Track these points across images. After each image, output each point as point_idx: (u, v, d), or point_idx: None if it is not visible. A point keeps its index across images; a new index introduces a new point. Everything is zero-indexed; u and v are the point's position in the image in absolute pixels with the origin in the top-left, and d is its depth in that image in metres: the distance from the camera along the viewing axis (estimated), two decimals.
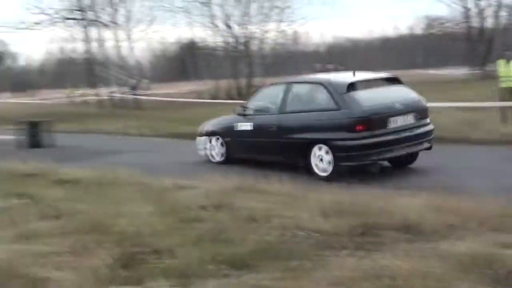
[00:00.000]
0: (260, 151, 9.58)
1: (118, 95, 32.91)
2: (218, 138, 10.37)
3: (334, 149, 8.23)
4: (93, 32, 32.32)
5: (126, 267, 4.06)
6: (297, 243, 4.42)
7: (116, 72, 35.36)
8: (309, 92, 9.19)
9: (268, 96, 9.93)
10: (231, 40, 35.23)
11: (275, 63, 43.03)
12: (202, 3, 34.89)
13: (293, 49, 52.41)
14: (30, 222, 5.50)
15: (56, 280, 3.86)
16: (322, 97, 8.63)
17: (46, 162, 9.14)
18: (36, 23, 30.47)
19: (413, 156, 9.06)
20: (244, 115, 9.91)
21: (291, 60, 51.70)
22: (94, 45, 32.57)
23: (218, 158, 10.41)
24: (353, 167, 8.16)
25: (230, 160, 10.11)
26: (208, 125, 10.82)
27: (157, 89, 40.72)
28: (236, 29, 35.06)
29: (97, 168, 8.43)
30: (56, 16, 31.02)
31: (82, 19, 32.09)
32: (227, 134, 10.19)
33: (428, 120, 8.95)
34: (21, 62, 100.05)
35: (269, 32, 35.95)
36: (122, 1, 32.26)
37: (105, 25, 32.74)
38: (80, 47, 34.78)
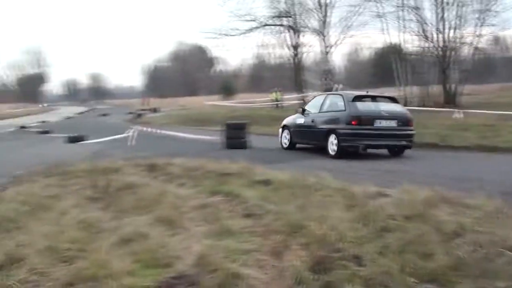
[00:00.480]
0: (307, 137, 14.36)
1: None
2: (288, 130, 15.03)
3: (338, 135, 12.77)
4: (293, 38, 33.27)
5: (313, 270, 4.14)
6: (491, 261, 4.16)
7: (315, 77, 35.98)
8: (333, 100, 13.94)
9: (316, 101, 14.87)
10: (439, 45, 33.86)
11: (477, 69, 40.64)
12: (411, 8, 34.07)
13: (497, 55, 49.02)
14: (223, 219, 5.82)
15: (248, 277, 4.05)
16: (340, 103, 13.35)
17: (243, 162, 9.60)
18: (248, 30, 32.17)
19: (399, 150, 13.21)
20: (302, 113, 14.67)
21: (493, 66, 48.54)
22: (298, 51, 33.50)
23: (286, 145, 15.02)
24: (349, 148, 12.67)
25: (292, 145, 14.85)
26: (284, 121, 15.48)
27: None
28: (446, 34, 33.55)
29: (290, 170, 8.69)
30: (262, 22, 32.48)
31: (284, 25, 33.21)
32: (292, 127, 14.94)
33: (411, 127, 13.14)
34: (221, 67, 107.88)
35: (481, 37, 33.81)
36: (327, 6, 32.69)
37: (305, 31, 33.52)
38: (279, 52, 36.03)
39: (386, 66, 41.29)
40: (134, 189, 7.75)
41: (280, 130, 15.40)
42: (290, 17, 32.77)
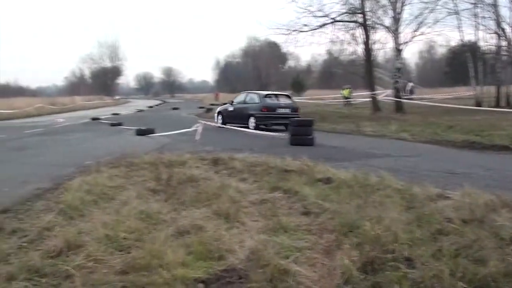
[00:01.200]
0: (234, 119, 22.28)
1: (384, 97, 33.02)
2: (221, 115, 23.79)
3: (255, 118, 21.01)
4: (365, 34, 32.79)
5: (363, 271, 4.17)
6: None
7: (387, 74, 35.33)
8: (252, 96, 22.93)
9: (240, 97, 23.86)
10: None
11: None
12: (488, 5, 33.04)
13: None
14: (280, 216, 5.89)
15: (297, 274, 4.12)
16: (256, 98, 22.07)
17: (305, 159, 9.64)
18: (319, 26, 31.95)
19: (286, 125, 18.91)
20: (231, 103, 23.54)
21: None
22: (370, 48, 33.01)
23: (219, 124, 22.84)
24: (261, 125, 20.55)
25: (224, 124, 22.45)
26: (218, 109, 25.05)
27: (427, 93, 39.77)
28: None
29: (353, 169, 8.68)
30: (333, 18, 32.19)
31: (355, 22, 32.80)
32: (224, 112, 23.73)
33: (298, 113, 21.17)
34: (292, 63, 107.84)
35: None
36: (400, 2, 32.04)
37: (377, 28, 32.98)
38: (350, 49, 35.56)
39: (460, 64, 40.08)
40: (196, 182, 7.96)
41: (216, 115, 24.72)
42: (362, 13, 32.28)
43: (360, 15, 32.53)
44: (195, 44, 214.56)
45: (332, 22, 32.27)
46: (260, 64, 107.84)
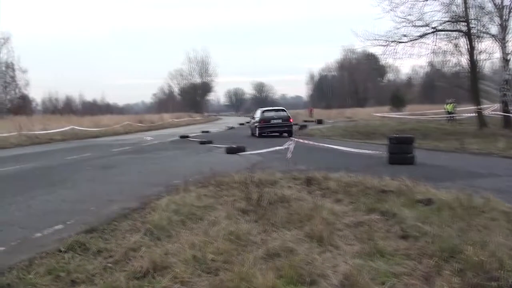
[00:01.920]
0: (251, 131, 35.12)
1: (491, 112, 31.88)
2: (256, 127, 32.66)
3: (257, 128, 31.93)
4: (469, 44, 31.84)
5: None
6: None
7: (493, 87, 34.10)
8: (257, 112, 35.07)
9: (255, 113, 36.07)
10: None
11: None
12: None
13: None
14: (376, 239, 5.86)
15: None
16: (258, 113, 33.76)
17: (405, 179, 9.48)
18: (419, 36, 31.41)
19: (285, 133, 31.15)
20: (253, 118, 35.96)
21: None
22: (475, 58, 32.01)
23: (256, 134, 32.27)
24: (263, 133, 31.54)
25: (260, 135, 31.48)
26: (251, 123, 38.02)
27: None
28: None
29: (455, 190, 8.45)
30: (435, 28, 31.53)
31: (459, 31, 31.94)
32: (252, 124, 35.37)
33: (290, 123, 32.20)
34: (391, 76, 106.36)
35: None
36: (506, 9, 30.95)
37: (482, 37, 31.93)
38: (454, 60, 34.63)
39: None
40: (287, 202, 8.04)
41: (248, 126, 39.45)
42: (465, 21, 31.35)
43: (463, 23, 31.62)
44: (288, 59, 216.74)
45: (433, 32, 31.55)
46: (357, 77, 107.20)
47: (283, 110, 34.00)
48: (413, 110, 56.18)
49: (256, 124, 32.40)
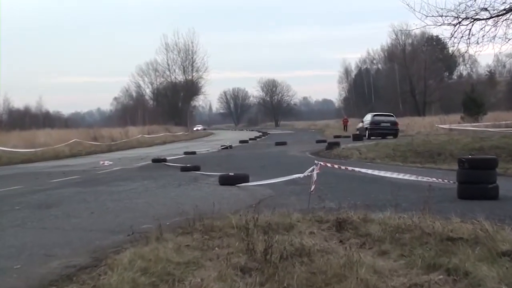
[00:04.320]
0: (361, 132, 58.59)
1: None
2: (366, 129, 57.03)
3: (369, 129, 56.18)
4: None
5: None
6: None
7: None
8: (367, 116, 61.15)
9: (365, 117, 62.14)
10: None
11: None
12: None
13: None
14: None
15: None
16: (369, 117, 59.50)
17: (483, 221, 9.48)
18: (508, 10, 31.43)
19: (391, 135, 53.99)
20: (363, 122, 61.40)
21: None
22: None
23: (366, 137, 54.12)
24: (373, 135, 54.36)
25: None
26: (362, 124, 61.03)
27: None
28: None
29: None
30: None
31: None
32: (363, 127, 59.87)
33: (396, 127, 56.18)
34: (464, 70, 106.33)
35: None
36: None
37: None
38: None
39: None
40: (309, 257, 8.03)
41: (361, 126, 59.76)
42: None
43: None
44: (311, 46, 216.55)
45: None
46: (414, 71, 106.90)
47: (391, 115, 58.59)
48: (496, 119, 56.14)
49: (367, 126, 55.14)
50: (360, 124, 60.59)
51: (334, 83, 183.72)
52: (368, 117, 57.97)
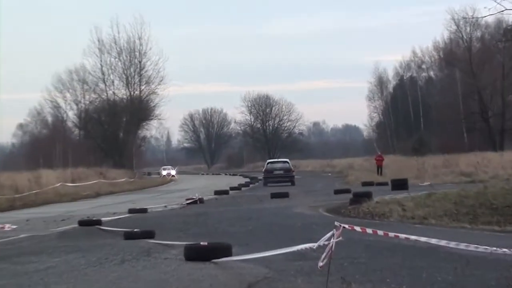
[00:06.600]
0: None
1: None
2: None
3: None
4: None
5: None
6: None
7: None
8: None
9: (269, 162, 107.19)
10: None
11: None
12: None
13: None
14: None
15: None
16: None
17: None
18: None
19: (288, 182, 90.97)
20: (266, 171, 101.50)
21: None
22: None
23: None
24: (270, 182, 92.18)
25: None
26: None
27: None
28: None
29: None
30: None
31: None
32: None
33: (292, 172, 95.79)
34: None
35: None
36: None
37: None
38: None
39: None
40: None
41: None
42: None
43: None
44: (324, 42, 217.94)
45: None
46: (485, 81, 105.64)
47: (286, 162, 77.02)
48: None
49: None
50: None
51: (362, 100, 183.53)
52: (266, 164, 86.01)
